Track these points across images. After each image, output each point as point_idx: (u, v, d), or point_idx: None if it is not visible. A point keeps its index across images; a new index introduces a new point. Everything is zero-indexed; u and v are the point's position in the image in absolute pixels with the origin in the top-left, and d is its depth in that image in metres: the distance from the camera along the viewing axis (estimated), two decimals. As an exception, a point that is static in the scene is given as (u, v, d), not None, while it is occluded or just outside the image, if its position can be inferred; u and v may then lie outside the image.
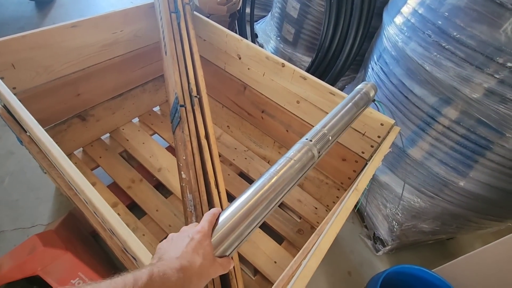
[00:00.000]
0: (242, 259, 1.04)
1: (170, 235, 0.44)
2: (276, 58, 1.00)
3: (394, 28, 0.97)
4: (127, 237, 0.48)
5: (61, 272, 0.73)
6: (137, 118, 1.44)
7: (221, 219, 0.48)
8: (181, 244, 0.40)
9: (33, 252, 0.73)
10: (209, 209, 0.82)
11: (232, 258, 0.48)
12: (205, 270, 0.40)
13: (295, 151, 0.60)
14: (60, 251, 0.75)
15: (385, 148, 0.76)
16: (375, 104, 0.88)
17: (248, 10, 2.00)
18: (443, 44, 0.77)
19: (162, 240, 0.44)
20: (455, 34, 0.74)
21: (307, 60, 1.75)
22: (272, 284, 1.00)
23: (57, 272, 0.73)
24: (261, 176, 0.55)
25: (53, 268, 0.72)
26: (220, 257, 0.44)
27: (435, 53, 0.80)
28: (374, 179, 1.19)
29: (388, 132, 0.83)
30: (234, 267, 0.82)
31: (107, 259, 1.06)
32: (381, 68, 1.05)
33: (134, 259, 0.53)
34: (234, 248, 0.48)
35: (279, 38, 1.87)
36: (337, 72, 1.39)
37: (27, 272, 0.71)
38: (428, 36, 0.81)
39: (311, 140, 0.63)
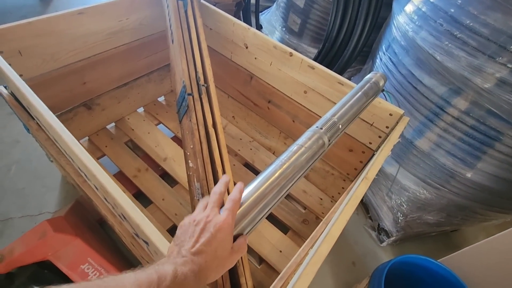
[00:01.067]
0: (247, 248, 1.04)
1: (189, 219, 0.42)
2: (284, 47, 0.99)
3: (404, 17, 0.96)
4: (141, 221, 0.48)
5: (71, 258, 0.74)
6: (142, 108, 1.44)
7: None
8: (202, 240, 0.38)
9: (44, 237, 0.73)
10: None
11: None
12: (221, 266, 0.40)
13: (305, 139, 0.60)
14: (70, 236, 0.76)
15: (394, 138, 0.76)
16: (383, 94, 0.87)
17: (253, 0, 1.97)
18: (455, 33, 0.76)
19: (182, 221, 0.42)
20: (468, 22, 0.73)
21: (312, 51, 1.73)
22: (277, 272, 1.02)
23: (67, 257, 0.74)
24: (272, 162, 0.55)
25: (63, 253, 0.73)
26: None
27: (447, 42, 0.79)
28: (380, 170, 1.19)
29: (397, 123, 0.83)
30: (241, 254, 0.83)
31: (114, 247, 1.07)
32: (390, 59, 1.04)
33: (146, 243, 0.54)
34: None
35: (284, 29, 1.85)
36: (344, 63, 1.37)
37: (38, 256, 0.72)
38: (440, 25, 0.80)
39: (321, 128, 0.63)
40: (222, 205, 0.44)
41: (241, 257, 0.83)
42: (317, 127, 0.63)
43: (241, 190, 0.45)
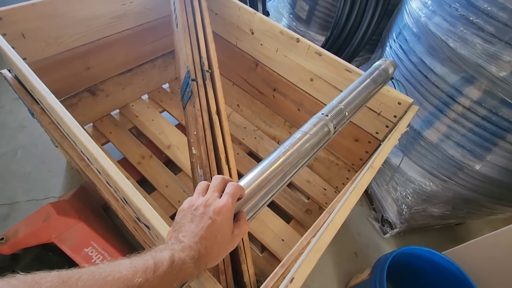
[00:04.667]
0: (250, 236, 1.05)
1: (188, 203, 0.40)
2: (291, 33, 0.96)
3: (417, 2, 0.92)
4: (141, 205, 0.48)
5: (74, 241, 0.75)
6: (146, 95, 1.43)
7: None
8: (201, 226, 0.37)
9: (48, 220, 0.74)
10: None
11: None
12: (222, 250, 0.39)
13: (311, 125, 0.58)
14: (74, 220, 0.76)
15: (402, 127, 0.74)
16: (392, 82, 0.84)
17: (260, -15, 1.92)
18: (471, 18, 0.73)
19: (181, 207, 0.41)
20: (485, 6, 0.69)
21: (320, 39, 1.69)
22: (279, 260, 1.02)
23: (71, 240, 0.74)
24: (276, 149, 0.54)
25: (67, 236, 0.74)
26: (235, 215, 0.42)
27: (462, 28, 0.75)
28: (385, 161, 1.17)
29: (406, 112, 0.80)
30: (243, 242, 0.83)
31: (117, 232, 1.08)
32: (400, 46, 1.01)
33: (148, 227, 0.53)
34: (247, 220, 0.48)
35: (292, 16, 1.80)
36: (352, 51, 1.34)
37: (42, 238, 0.73)
38: (455, 10, 0.76)
39: (327, 115, 0.61)
40: (223, 191, 0.42)
41: (243, 245, 0.83)
42: (322, 114, 0.61)
43: (243, 187, 0.43)
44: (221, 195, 0.41)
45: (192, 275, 0.35)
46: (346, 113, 0.64)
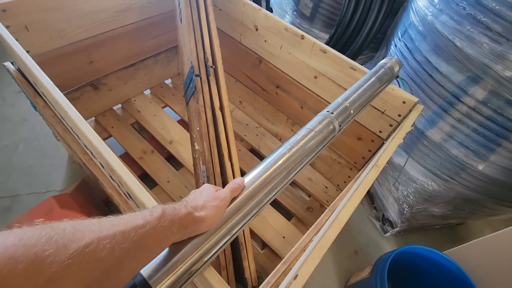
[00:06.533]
0: (251, 232, 1.05)
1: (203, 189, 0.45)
2: (295, 29, 0.96)
3: (424, 0, 0.91)
4: (146, 200, 0.48)
5: (77, 234, 0.75)
6: (148, 90, 1.43)
7: None
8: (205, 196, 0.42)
9: (50, 213, 0.74)
10: (222, 181, 0.82)
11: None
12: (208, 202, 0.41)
13: (316, 123, 0.58)
14: (76, 213, 0.76)
15: (407, 126, 0.74)
16: (397, 81, 0.84)
17: (264, -19, 1.90)
18: (479, 17, 0.72)
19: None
20: (493, 5, 0.69)
21: (324, 36, 1.68)
22: (280, 257, 1.02)
23: (73, 234, 0.74)
24: (280, 146, 0.54)
25: (69, 230, 0.74)
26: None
27: (469, 27, 0.75)
28: (388, 160, 1.17)
29: (410, 111, 0.80)
30: (245, 238, 0.83)
31: (119, 226, 1.08)
32: (405, 45, 1.00)
33: (151, 222, 0.53)
34: (251, 217, 0.48)
35: (295, 13, 1.79)
36: (357, 49, 1.33)
37: (45, 232, 0.73)
38: (463, 9, 0.76)
39: (332, 113, 0.61)
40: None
41: (245, 241, 0.83)
42: (328, 111, 0.61)
43: (243, 182, 0.47)
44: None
45: (187, 221, 0.37)
46: (351, 111, 0.64)
